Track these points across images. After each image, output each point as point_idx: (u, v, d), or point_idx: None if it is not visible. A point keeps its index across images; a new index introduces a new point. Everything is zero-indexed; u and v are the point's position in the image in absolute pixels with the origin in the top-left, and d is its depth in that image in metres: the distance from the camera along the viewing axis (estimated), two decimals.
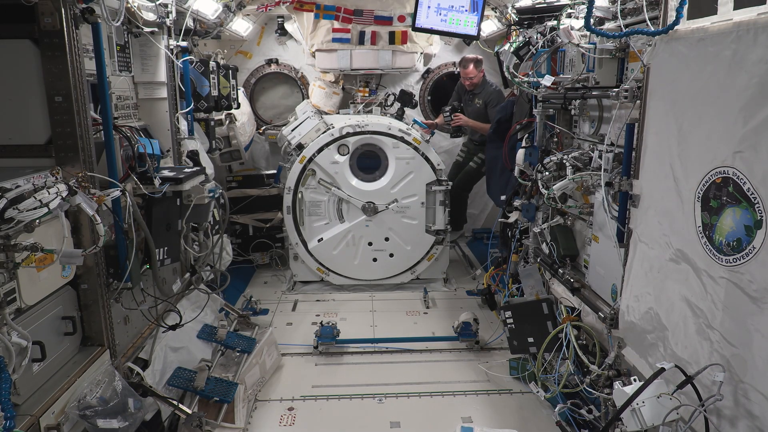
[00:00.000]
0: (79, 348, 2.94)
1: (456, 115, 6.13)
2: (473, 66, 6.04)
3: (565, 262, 3.71)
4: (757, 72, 1.88)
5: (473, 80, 6.09)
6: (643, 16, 2.61)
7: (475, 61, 6.04)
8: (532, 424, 3.71)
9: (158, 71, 3.95)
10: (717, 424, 2.13)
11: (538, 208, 4.22)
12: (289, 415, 3.81)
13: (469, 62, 6.02)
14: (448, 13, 4.05)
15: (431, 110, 7.28)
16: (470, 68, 6.03)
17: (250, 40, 6.92)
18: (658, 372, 2.21)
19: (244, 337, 4.44)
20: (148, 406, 2.96)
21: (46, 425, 2.45)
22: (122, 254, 3.02)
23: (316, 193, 5.74)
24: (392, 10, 5.81)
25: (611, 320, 2.97)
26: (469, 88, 6.21)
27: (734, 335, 2.04)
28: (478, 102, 6.18)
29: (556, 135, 4.01)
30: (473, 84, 6.15)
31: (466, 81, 6.14)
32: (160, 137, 3.98)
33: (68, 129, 2.71)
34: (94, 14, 2.74)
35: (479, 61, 6.09)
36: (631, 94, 2.75)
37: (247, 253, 6.47)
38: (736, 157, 1.99)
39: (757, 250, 1.91)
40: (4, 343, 2.18)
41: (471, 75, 6.05)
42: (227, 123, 6.07)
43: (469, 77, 6.08)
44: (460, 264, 6.88)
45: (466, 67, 6.05)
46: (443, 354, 4.65)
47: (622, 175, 2.85)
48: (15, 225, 2.13)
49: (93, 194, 2.62)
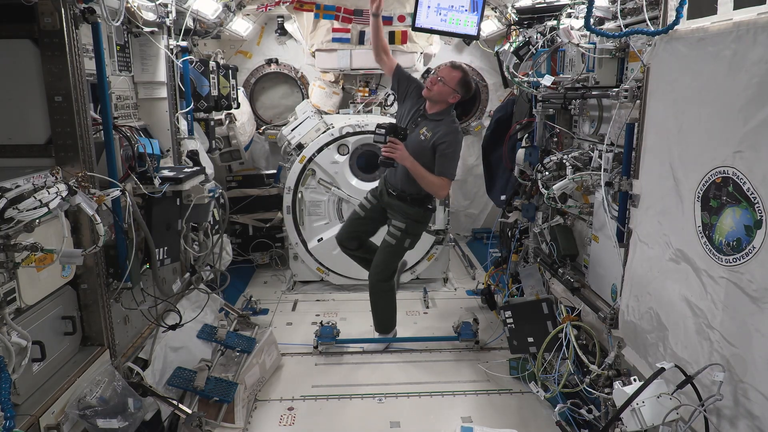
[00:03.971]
0: (79, 348, 2.94)
1: (392, 140, 3.92)
2: (458, 74, 3.93)
3: (565, 262, 3.72)
4: (757, 72, 1.88)
5: (442, 93, 3.93)
6: (643, 16, 2.61)
7: (462, 72, 3.95)
8: (532, 424, 3.71)
9: (158, 71, 3.95)
10: (717, 424, 2.13)
11: (538, 208, 4.22)
12: (288, 415, 3.81)
13: (457, 68, 3.96)
14: (448, 13, 4.04)
15: None
16: (453, 74, 3.93)
17: (250, 40, 6.91)
18: (658, 372, 2.21)
19: (244, 337, 4.44)
20: (148, 406, 2.96)
21: (46, 425, 2.45)
22: (122, 254, 3.02)
23: (316, 192, 5.74)
24: (392, 10, 5.81)
25: (611, 320, 2.97)
26: (426, 96, 4.00)
27: (734, 335, 2.04)
28: (426, 134, 3.97)
29: (556, 135, 4.01)
30: (437, 101, 3.97)
31: (432, 87, 3.93)
32: (160, 137, 3.98)
33: (68, 129, 2.71)
34: (94, 14, 2.73)
35: (465, 76, 3.97)
36: (631, 94, 2.75)
37: (247, 253, 6.47)
38: (736, 157, 2.00)
39: (757, 250, 1.91)
40: (4, 343, 2.18)
41: (449, 80, 3.90)
42: (227, 123, 6.06)
43: (442, 83, 3.91)
44: (460, 264, 6.88)
45: (451, 70, 3.95)
46: (443, 354, 4.65)
47: (622, 175, 2.85)
48: (15, 225, 2.13)
49: (93, 194, 2.62)
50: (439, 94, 3.93)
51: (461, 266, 6.82)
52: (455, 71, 3.93)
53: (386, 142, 3.91)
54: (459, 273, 6.57)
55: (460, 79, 3.93)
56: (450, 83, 3.90)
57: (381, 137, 3.93)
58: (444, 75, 3.91)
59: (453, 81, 3.91)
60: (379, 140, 3.96)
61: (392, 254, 4.40)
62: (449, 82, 3.90)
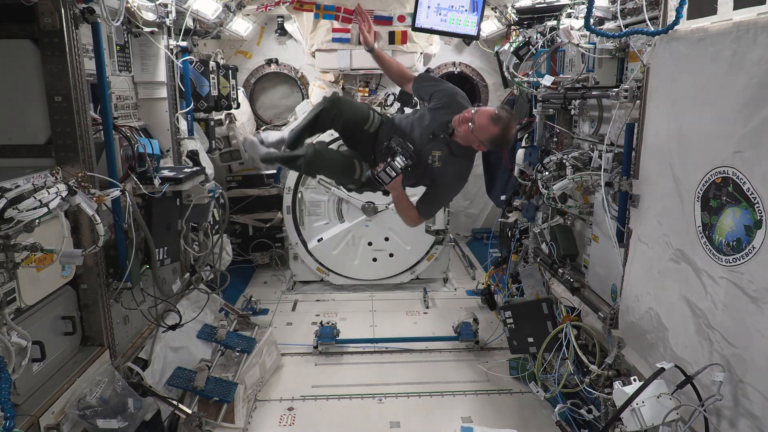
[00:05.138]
0: (79, 348, 2.94)
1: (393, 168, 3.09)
2: (495, 130, 3.03)
3: (565, 262, 3.71)
4: (757, 72, 1.88)
5: (467, 138, 3.11)
6: (643, 16, 2.61)
7: (502, 129, 3.03)
8: (532, 424, 3.71)
9: (158, 71, 3.95)
10: (717, 424, 2.13)
11: (538, 208, 4.22)
12: (288, 415, 3.81)
13: (498, 123, 3.01)
14: (448, 13, 4.04)
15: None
16: (490, 129, 3.03)
17: (250, 40, 6.91)
18: (657, 372, 2.21)
19: (244, 337, 4.44)
20: (147, 406, 2.96)
21: (46, 425, 2.45)
22: (122, 254, 3.02)
23: (315, 192, 5.74)
24: (392, 10, 5.80)
25: (611, 320, 2.97)
26: (458, 139, 3.16)
27: (734, 335, 2.04)
28: (435, 160, 3.21)
29: (556, 135, 4.01)
30: (471, 140, 3.11)
31: (459, 126, 3.09)
32: (160, 137, 3.98)
33: (68, 129, 2.71)
34: (94, 14, 2.74)
35: (504, 133, 3.06)
36: (631, 94, 2.75)
37: (246, 253, 6.47)
38: (736, 157, 1.99)
39: (757, 250, 1.91)
40: (4, 343, 2.18)
41: (480, 131, 3.03)
42: (227, 123, 6.07)
43: (471, 129, 3.04)
44: (460, 264, 6.88)
45: (489, 123, 3.01)
46: (443, 354, 4.65)
47: (622, 175, 2.85)
48: (15, 225, 2.13)
49: (93, 194, 2.62)
50: (464, 138, 3.12)
51: (461, 266, 6.82)
52: (494, 127, 3.00)
53: (388, 170, 3.07)
54: (459, 273, 6.57)
55: (494, 137, 3.04)
56: (479, 134, 3.02)
57: (383, 170, 3.07)
58: (477, 123, 3.01)
59: (484, 134, 3.02)
60: (383, 175, 3.08)
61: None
62: (479, 132, 3.02)
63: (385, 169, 3.07)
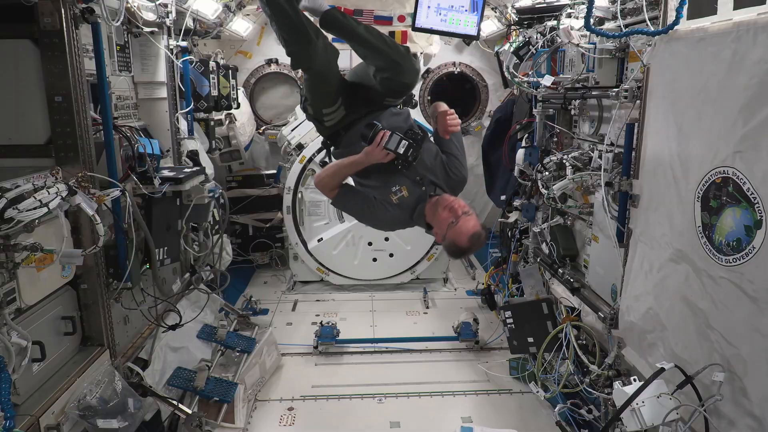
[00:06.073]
0: (79, 348, 2.94)
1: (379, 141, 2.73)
2: (462, 240, 2.67)
3: (565, 262, 3.71)
4: (757, 72, 1.88)
5: (449, 234, 2.69)
6: (643, 16, 2.61)
7: (467, 245, 2.69)
8: (532, 424, 3.71)
9: (158, 71, 3.95)
10: (717, 424, 2.13)
11: (538, 208, 4.22)
12: (288, 415, 3.81)
13: (467, 240, 2.67)
14: (448, 13, 4.04)
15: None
16: (458, 238, 2.66)
17: (250, 40, 6.91)
18: (658, 372, 2.21)
19: (244, 337, 4.44)
20: (147, 406, 2.96)
21: (46, 425, 2.45)
22: (122, 254, 3.02)
23: (316, 192, 5.73)
24: (392, 10, 5.81)
25: (611, 320, 2.97)
26: (428, 207, 2.83)
27: (734, 335, 2.04)
28: (401, 195, 2.82)
29: (556, 135, 4.01)
30: (439, 226, 2.76)
31: (428, 211, 2.81)
32: (160, 137, 3.98)
33: (68, 129, 2.71)
34: (94, 14, 2.74)
35: (466, 250, 2.74)
36: (631, 94, 2.75)
37: (247, 253, 6.47)
38: (736, 157, 1.99)
39: (757, 250, 1.91)
40: (4, 343, 2.18)
41: (442, 229, 2.71)
42: (227, 123, 6.06)
43: (436, 223, 2.77)
44: (460, 264, 6.88)
45: (461, 233, 2.65)
46: (443, 354, 4.65)
47: (622, 175, 2.85)
48: (15, 225, 2.13)
49: (93, 194, 2.62)
50: (435, 217, 2.76)
51: (461, 266, 6.81)
52: (466, 242, 2.66)
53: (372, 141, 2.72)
54: (459, 273, 6.57)
55: (456, 245, 2.69)
56: (451, 233, 2.66)
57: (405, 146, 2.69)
58: (459, 226, 2.65)
59: (455, 236, 2.66)
60: (402, 158, 2.70)
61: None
62: (453, 233, 2.66)
63: (392, 137, 2.68)
